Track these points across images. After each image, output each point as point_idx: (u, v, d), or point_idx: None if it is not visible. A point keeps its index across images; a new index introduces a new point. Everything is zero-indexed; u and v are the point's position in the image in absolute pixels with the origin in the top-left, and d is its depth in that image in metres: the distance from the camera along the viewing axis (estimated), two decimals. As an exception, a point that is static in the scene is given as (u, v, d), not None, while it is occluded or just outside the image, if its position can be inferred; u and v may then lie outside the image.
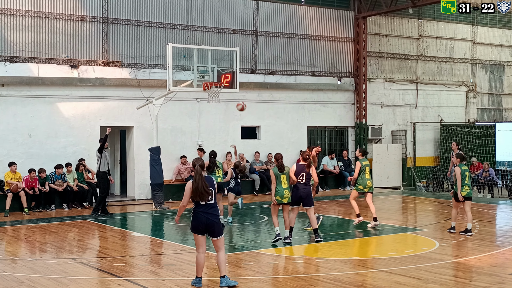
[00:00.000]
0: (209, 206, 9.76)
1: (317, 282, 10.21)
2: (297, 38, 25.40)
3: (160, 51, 22.16)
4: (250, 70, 24.30)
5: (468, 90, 30.45)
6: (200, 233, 9.79)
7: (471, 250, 13.05)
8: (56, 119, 20.54)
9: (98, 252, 13.25)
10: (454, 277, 10.53)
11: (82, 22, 21.00)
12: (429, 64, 29.33)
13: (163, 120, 21.40)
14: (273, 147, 24.59)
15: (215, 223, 9.77)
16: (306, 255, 12.88)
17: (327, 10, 26.17)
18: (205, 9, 23.20)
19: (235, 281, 10.06)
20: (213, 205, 9.81)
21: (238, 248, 13.69)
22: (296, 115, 25.50)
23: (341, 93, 26.69)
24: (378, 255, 12.57)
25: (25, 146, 20.01)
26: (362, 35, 26.53)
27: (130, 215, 19.14)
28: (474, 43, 30.46)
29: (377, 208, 20.97)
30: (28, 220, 17.62)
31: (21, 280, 10.39)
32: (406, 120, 28.46)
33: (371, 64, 27.51)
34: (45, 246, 13.94)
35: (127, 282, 10.30)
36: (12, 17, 19.87)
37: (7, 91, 19.77)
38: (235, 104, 23.33)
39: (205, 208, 9.74)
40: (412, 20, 28.55)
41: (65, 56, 20.74)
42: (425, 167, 28.28)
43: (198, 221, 9.75)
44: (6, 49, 19.85)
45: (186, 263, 11.65)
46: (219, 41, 23.44)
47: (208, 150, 22.69)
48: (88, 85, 20.99)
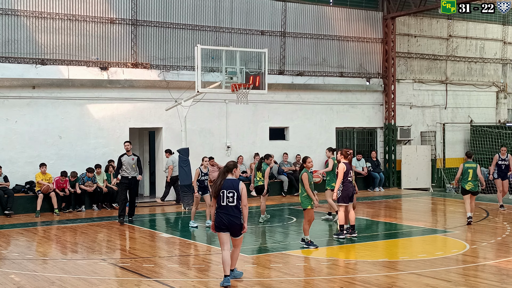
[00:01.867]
0: (229, 208, 10.02)
1: (347, 284, 10.15)
2: (325, 39, 25.32)
3: (188, 53, 22.26)
4: (278, 71, 24.28)
5: (499, 91, 30.09)
6: (222, 231, 10.06)
7: (502, 252, 12.88)
8: (86, 120, 20.74)
9: (127, 253, 13.34)
10: (485, 280, 10.39)
11: (112, 25, 21.17)
12: (459, 64, 29.03)
13: (191, 121, 21.49)
14: (302, 148, 24.56)
15: (236, 224, 10.06)
16: (335, 256, 12.82)
17: (355, 10, 26.06)
18: (233, 10, 23.24)
19: (241, 271, 10.53)
20: (234, 207, 10.03)
21: (267, 249, 13.67)
22: (325, 116, 25.43)
23: (370, 94, 26.55)
24: (407, 257, 12.46)
25: (55, 148, 20.23)
26: (390, 35, 26.36)
27: (159, 216, 19.25)
28: (505, 43, 30.07)
29: (407, 209, 20.92)
30: (59, 221, 17.82)
31: (52, 280, 10.50)
32: (435, 121, 28.21)
33: (400, 65, 27.32)
34: (75, 247, 14.09)
35: (156, 283, 10.35)
36: (43, 20, 20.11)
37: (38, 93, 20.01)
38: (263, 105, 23.47)
39: (226, 210, 10.02)
40: (441, 20, 28.29)
41: (95, 58, 20.94)
42: (454, 168, 27.92)
43: (219, 221, 10.09)
44: (37, 52, 20.09)
45: (215, 264, 11.67)
46: (247, 42, 23.47)
47: (238, 150, 22.91)
48: (118, 86, 21.16)
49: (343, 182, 14.41)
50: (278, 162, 23.96)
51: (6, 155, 19.45)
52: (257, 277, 10.82)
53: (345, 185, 14.40)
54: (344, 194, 14.40)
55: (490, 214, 18.52)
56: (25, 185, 19.52)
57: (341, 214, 14.51)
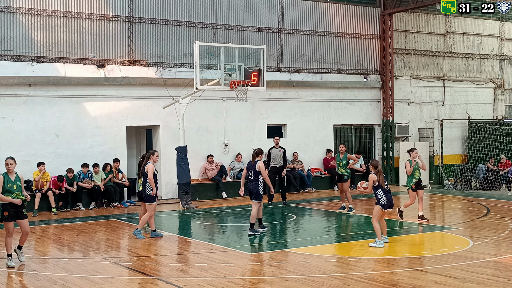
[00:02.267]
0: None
1: (352, 281, 10.03)
2: (322, 35, 25.20)
3: (186, 50, 22.12)
4: (276, 68, 24.15)
5: (496, 87, 30.04)
6: None
7: (506, 248, 12.80)
8: (82, 119, 20.57)
9: (129, 251, 13.19)
10: (493, 276, 10.29)
11: (108, 22, 21.00)
12: (456, 60, 28.97)
13: (189, 119, 21.33)
14: (299, 146, 24.48)
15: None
16: (338, 254, 12.72)
17: (352, 7, 25.95)
18: (231, 7, 23.10)
19: None
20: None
21: (269, 247, 13.54)
22: (322, 113, 25.31)
23: (367, 91, 26.45)
24: (411, 254, 12.35)
25: (52, 146, 20.05)
26: (388, 32, 26.27)
27: (158, 214, 19.04)
28: (502, 39, 30.03)
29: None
30: (57, 220, 17.67)
31: (54, 280, 10.35)
32: (433, 118, 28.15)
33: (398, 61, 27.23)
34: (75, 246, 13.93)
35: (160, 281, 10.21)
36: (39, 17, 19.92)
37: (34, 91, 19.83)
38: (261, 103, 23.41)
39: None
40: (438, 16, 28.20)
41: (92, 56, 20.76)
42: (452, 165, 27.93)
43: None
44: (33, 49, 19.90)
45: (218, 262, 11.55)
46: (244, 39, 23.32)
47: (235, 148, 22.85)
48: (115, 84, 20.99)
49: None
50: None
51: (2, 154, 19.10)
52: (262, 275, 10.70)
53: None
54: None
55: (491, 210, 18.45)
56: (22, 184, 19.32)
57: (254, 210, 14.57)
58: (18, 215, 11.33)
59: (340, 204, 18.88)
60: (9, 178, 11.30)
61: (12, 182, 11.29)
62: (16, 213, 11.29)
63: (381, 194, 12.98)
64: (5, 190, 11.19)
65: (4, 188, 11.17)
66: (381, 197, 12.98)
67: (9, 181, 11.28)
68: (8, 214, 11.24)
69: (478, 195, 22.79)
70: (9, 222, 11.28)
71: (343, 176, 18.22)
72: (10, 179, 11.30)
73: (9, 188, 11.23)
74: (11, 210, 11.23)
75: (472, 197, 21.99)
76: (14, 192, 11.27)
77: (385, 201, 12.96)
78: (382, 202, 12.97)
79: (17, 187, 11.33)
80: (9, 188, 11.23)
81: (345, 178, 18.20)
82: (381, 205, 12.99)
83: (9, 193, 11.21)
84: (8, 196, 11.19)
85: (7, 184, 11.22)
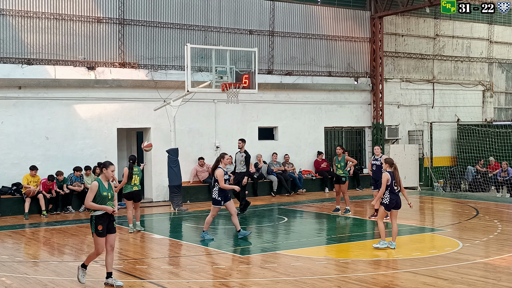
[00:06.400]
0: None
1: (343, 283, 10.07)
2: (313, 38, 25.28)
3: (177, 52, 22.12)
4: (267, 71, 24.19)
5: (485, 90, 30.23)
6: None
7: (495, 250, 12.90)
8: (73, 121, 20.52)
9: (119, 254, 13.16)
10: (482, 278, 10.36)
11: (99, 24, 20.97)
12: (446, 63, 29.13)
13: (180, 121, 21.33)
14: (291, 148, 24.54)
15: None
16: (330, 256, 12.76)
17: (343, 10, 26.04)
18: (222, 9, 23.12)
19: None
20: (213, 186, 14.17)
21: (260, 249, 13.56)
22: (313, 115, 25.38)
23: (358, 93, 26.55)
24: (401, 255, 12.41)
25: (42, 149, 19.99)
26: (378, 35, 26.38)
27: (148, 217, 19.06)
28: (491, 42, 30.23)
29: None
30: (47, 223, 17.61)
31: (45, 283, 10.33)
32: (423, 120, 28.27)
33: (388, 64, 27.35)
34: (65, 249, 13.90)
35: (151, 284, 10.21)
36: (29, 19, 19.87)
37: (24, 94, 19.77)
38: (252, 105, 23.43)
39: None
40: (428, 20, 28.36)
41: (82, 58, 20.73)
42: (442, 167, 28.09)
43: None
44: (23, 51, 19.84)
45: (209, 265, 11.56)
46: (235, 41, 23.36)
47: (227, 150, 22.76)
48: (105, 86, 20.96)
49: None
50: (268, 162, 23.86)
51: (-7, 156, 19.20)
52: (253, 277, 10.72)
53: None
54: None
55: (480, 212, 18.55)
56: (12, 187, 19.26)
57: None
58: (108, 228, 10.03)
59: (334, 206, 18.94)
60: (103, 185, 9.96)
61: (107, 190, 9.96)
62: (107, 226, 10.00)
63: (387, 194, 13.07)
64: (99, 199, 9.87)
65: (99, 195, 9.85)
66: (385, 197, 13.07)
67: (103, 188, 9.91)
68: (102, 228, 9.89)
69: (468, 197, 22.90)
70: (102, 238, 9.98)
71: (341, 178, 18.28)
72: (104, 186, 9.94)
73: (104, 196, 9.89)
74: (105, 223, 9.92)
75: (462, 199, 22.09)
76: (108, 202, 9.96)
77: (387, 200, 13.04)
78: (385, 201, 13.06)
79: (111, 196, 10.03)
80: (105, 196, 9.90)
81: (343, 179, 18.26)
82: (384, 205, 13.08)
83: (102, 202, 9.88)
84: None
85: (102, 191, 9.87)
